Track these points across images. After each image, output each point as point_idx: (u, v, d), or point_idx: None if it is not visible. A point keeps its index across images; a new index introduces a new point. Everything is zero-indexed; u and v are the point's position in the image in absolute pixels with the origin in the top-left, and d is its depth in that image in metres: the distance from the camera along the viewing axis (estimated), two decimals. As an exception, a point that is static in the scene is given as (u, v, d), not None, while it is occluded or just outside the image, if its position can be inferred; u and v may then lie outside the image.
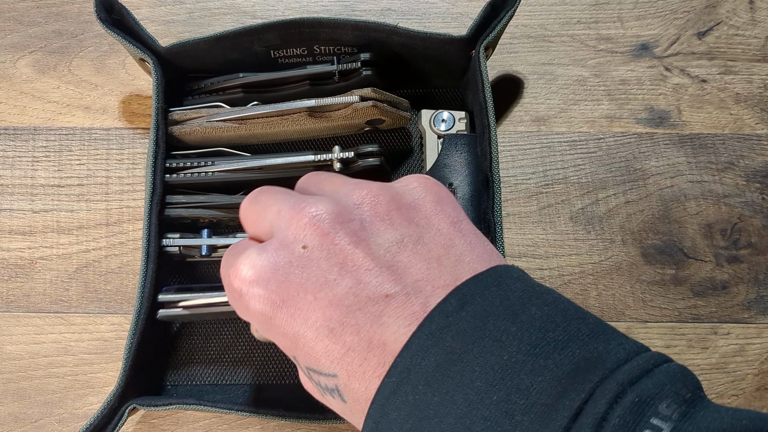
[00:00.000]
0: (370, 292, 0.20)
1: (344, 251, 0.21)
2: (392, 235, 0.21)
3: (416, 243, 0.21)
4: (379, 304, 0.20)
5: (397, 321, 0.19)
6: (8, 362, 0.40)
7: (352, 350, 0.20)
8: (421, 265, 0.21)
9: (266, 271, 0.22)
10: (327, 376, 0.20)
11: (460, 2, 0.47)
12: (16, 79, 0.45)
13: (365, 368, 0.19)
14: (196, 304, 0.36)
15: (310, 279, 0.21)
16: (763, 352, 0.40)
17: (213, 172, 0.39)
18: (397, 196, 0.23)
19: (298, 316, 0.21)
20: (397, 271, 0.20)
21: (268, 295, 0.21)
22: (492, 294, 0.19)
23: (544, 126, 0.44)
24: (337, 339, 0.20)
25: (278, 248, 0.22)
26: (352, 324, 0.20)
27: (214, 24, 0.46)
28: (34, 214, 0.43)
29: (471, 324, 0.18)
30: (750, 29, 0.46)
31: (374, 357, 0.19)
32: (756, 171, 0.43)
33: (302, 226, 0.22)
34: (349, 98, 0.37)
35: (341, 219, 0.22)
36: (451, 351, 0.18)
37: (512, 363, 0.17)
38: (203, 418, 0.39)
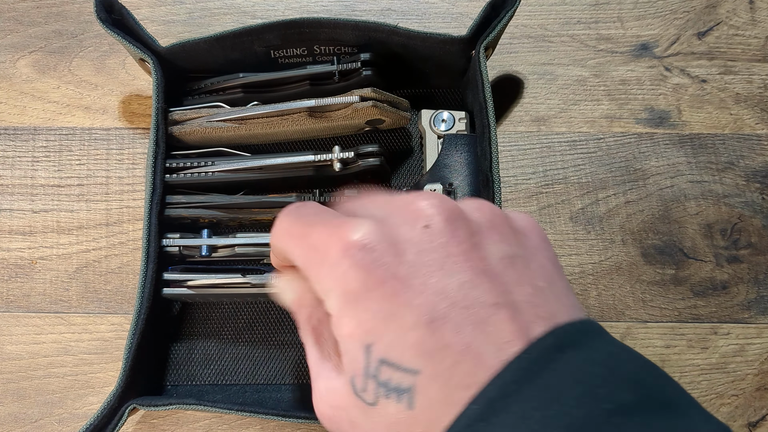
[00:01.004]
0: (481, 295, 0.19)
1: (464, 244, 0.20)
2: (505, 248, 0.21)
3: (525, 266, 0.21)
4: (488, 309, 0.19)
5: (500, 333, 0.18)
6: (8, 362, 0.40)
7: (448, 348, 0.18)
8: (528, 288, 0.20)
9: (381, 241, 0.20)
10: (406, 371, 0.18)
11: (460, 2, 0.47)
12: (16, 79, 0.45)
13: (453, 373, 0.18)
14: (201, 284, 0.37)
15: (428, 260, 0.19)
16: (763, 352, 0.40)
17: (213, 172, 0.39)
18: (509, 218, 0.22)
19: (401, 296, 0.19)
20: (505, 284, 0.19)
21: (380, 265, 0.19)
22: (591, 344, 0.18)
23: (544, 126, 0.44)
24: (435, 332, 0.18)
25: (398, 222, 0.20)
26: (456, 321, 0.18)
27: (214, 24, 0.46)
28: (34, 214, 0.43)
29: (570, 367, 0.17)
30: (750, 29, 0.46)
31: (467, 364, 0.18)
32: (756, 171, 0.43)
33: (425, 204, 0.20)
34: (349, 98, 0.37)
35: (462, 214, 0.21)
36: (549, 388, 0.17)
37: (615, 414, 0.16)
38: (203, 418, 0.39)
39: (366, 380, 0.19)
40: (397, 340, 0.19)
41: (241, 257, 0.39)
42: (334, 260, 0.20)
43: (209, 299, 0.39)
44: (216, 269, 0.39)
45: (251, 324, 0.40)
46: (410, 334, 0.19)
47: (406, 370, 0.19)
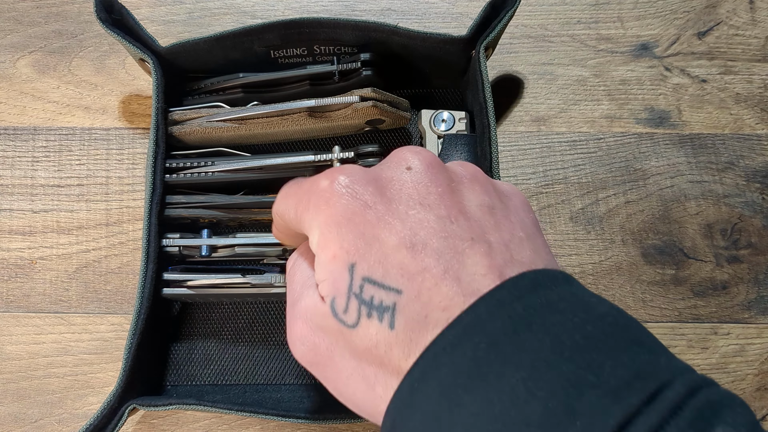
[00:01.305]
0: (458, 230, 0.20)
1: (442, 186, 0.21)
2: (485, 199, 0.22)
3: (504, 217, 0.22)
4: (464, 242, 0.20)
5: (476, 265, 0.19)
6: (8, 362, 0.40)
7: (427, 272, 0.19)
8: (505, 234, 0.21)
9: (366, 178, 0.22)
10: (389, 290, 0.20)
11: (460, 2, 0.47)
12: (16, 79, 0.45)
13: (433, 294, 0.19)
14: (201, 284, 0.37)
15: (408, 195, 0.21)
16: (763, 352, 0.40)
17: (213, 172, 0.39)
18: (492, 180, 0.24)
19: (385, 221, 0.20)
20: (483, 227, 0.21)
21: (361, 194, 0.21)
22: (564, 288, 0.19)
23: (544, 126, 0.44)
24: (416, 255, 0.20)
25: (381, 166, 0.23)
26: (435, 248, 0.20)
27: (214, 24, 0.46)
28: (34, 214, 0.43)
29: (542, 303, 0.18)
30: (750, 29, 0.46)
31: (445, 287, 0.19)
32: (756, 171, 0.43)
33: (408, 153, 0.22)
34: (349, 98, 0.37)
35: (443, 165, 0.23)
36: (520, 318, 0.18)
37: (584, 344, 0.17)
38: (203, 418, 0.39)
39: (348, 300, 0.20)
40: (381, 260, 0.20)
41: (241, 257, 0.39)
42: (320, 193, 0.22)
43: (209, 299, 0.39)
44: (216, 269, 0.39)
45: (251, 324, 0.40)
46: (393, 256, 0.20)
47: (390, 289, 0.20)
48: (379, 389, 0.20)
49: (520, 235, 0.22)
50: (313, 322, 0.22)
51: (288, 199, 0.25)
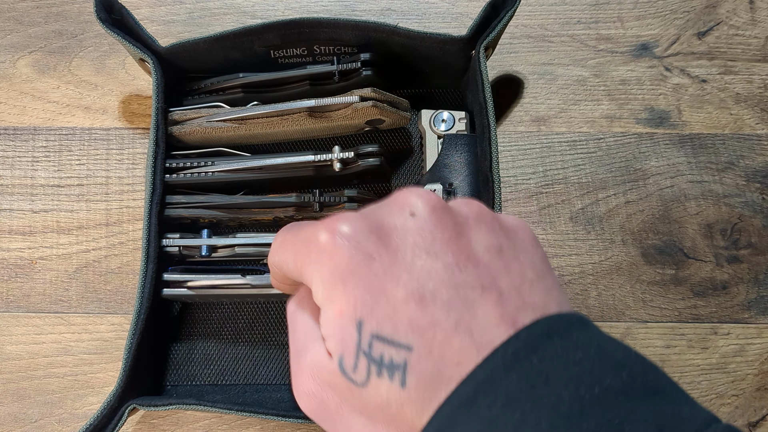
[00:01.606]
0: (467, 278, 0.19)
1: (448, 231, 0.20)
2: (493, 240, 0.21)
3: (513, 257, 0.21)
4: (474, 291, 0.19)
5: (487, 316, 0.19)
6: (8, 362, 0.40)
7: (438, 325, 0.19)
8: (516, 277, 0.20)
9: (368, 227, 0.21)
10: (399, 347, 0.19)
11: (460, 2, 0.47)
12: (16, 79, 0.45)
13: (445, 349, 0.18)
14: (201, 284, 0.37)
15: (413, 243, 0.20)
16: (763, 352, 0.40)
17: (213, 172, 0.39)
18: (498, 216, 0.23)
19: (391, 273, 0.20)
20: (492, 272, 0.20)
21: (365, 246, 0.20)
22: (579, 335, 0.19)
23: (544, 126, 0.44)
24: (426, 309, 0.19)
25: (382, 210, 0.21)
26: (445, 300, 0.19)
27: (214, 24, 0.46)
28: (34, 214, 0.43)
29: (558, 353, 0.18)
30: (750, 29, 0.46)
31: (458, 341, 0.18)
32: (756, 171, 0.43)
33: (411, 196, 0.21)
34: (349, 98, 0.37)
35: (448, 207, 0.22)
36: (537, 373, 0.17)
37: (604, 398, 0.17)
38: (203, 418, 0.39)
39: (357, 358, 0.19)
40: (390, 316, 0.19)
41: (241, 257, 0.39)
42: (321, 246, 0.21)
43: (209, 300, 0.39)
44: (216, 269, 0.39)
45: (251, 324, 0.40)
46: (402, 310, 0.19)
47: (400, 346, 0.19)
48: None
49: (531, 276, 0.21)
50: (320, 378, 0.21)
51: (285, 250, 0.24)
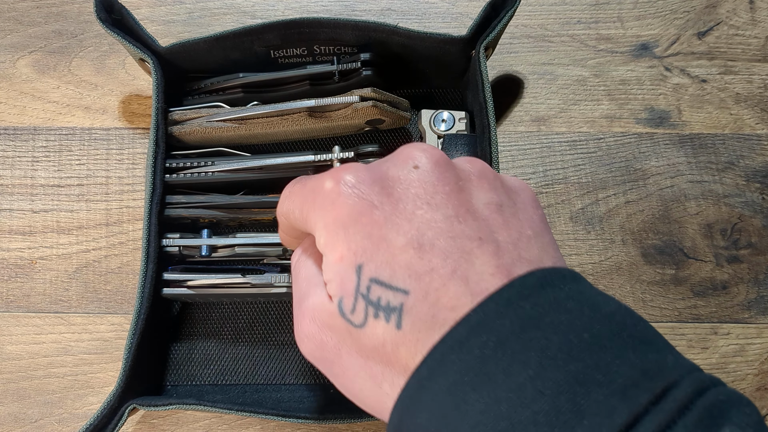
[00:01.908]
0: (466, 229, 0.20)
1: (450, 185, 0.21)
2: (493, 197, 0.22)
3: (513, 215, 0.22)
4: (472, 242, 0.20)
5: (484, 265, 0.19)
6: (8, 362, 0.40)
7: (435, 272, 0.19)
8: (513, 232, 0.21)
9: (372, 177, 0.22)
10: (396, 290, 0.20)
11: (460, 2, 0.47)
12: (16, 79, 0.45)
13: (440, 294, 0.19)
14: (201, 284, 0.37)
15: (415, 194, 0.21)
16: (763, 352, 0.40)
17: (213, 172, 0.39)
18: (500, 175, 0.24)
19: (392, 221, 0.20)
20: (491, 226, 0.21)
21: (368, 195, 0.21)
22: (571, 287, 0.19)
23: (544, 126, 0.44)
24: (424, 255, 0.20)
25: (387, 163, 0.22)
26: (442, 248, 0.20)
27: (214, 24, 0.46)
28: (34, 214, 0.43)
29: (550, 301, 0.18)
30: (750, 29, 0.46)
31: (453, 287, 0.19)
32: (756, 171, 0.43)
33: (415, 150, 0.22)
34: (349, 98, 0.37)
35: (450, 162, 0.22)
36: (528, 317, 0.18)
37: (592, 343, 0.17)
38: (203, 418, 0.39)
39: (356, 300, 0.20)
40: (388, 261, 0.20)
41: (241, 257, 0.39)
42: (326, 194, 0.22)
43: (209, 299, 0.39)
44: (216, 269, 0.39)
45: (251, 324, 0.40)
46: (400, 256, 0.20)
47: (397, 290, 0.20)
48: (386, 387, 0.20)
49: (528, 233, 0.21)
50: (320, 320, 0.22)
51: (292, 199, 0.25)
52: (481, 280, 0.19)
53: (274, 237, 0.38)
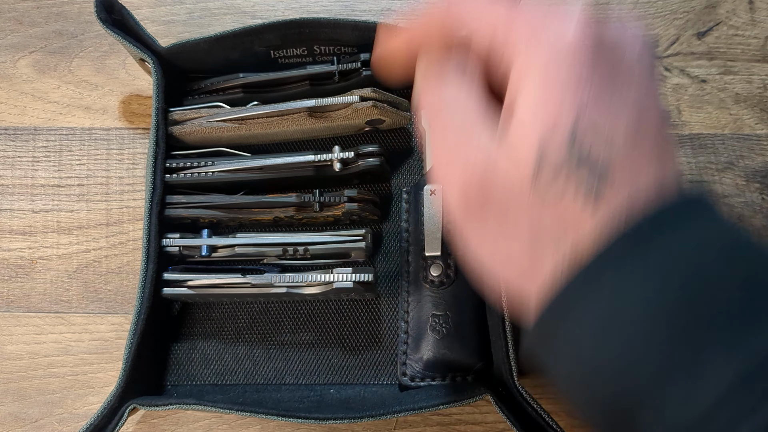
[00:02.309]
0: (668, 134, 0.20)
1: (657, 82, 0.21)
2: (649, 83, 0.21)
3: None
4: (671, 148, 0.20)
5: (674, 168, 0.19)
6: (8, 362, 0.40)
7: (643, 157, 0.19)
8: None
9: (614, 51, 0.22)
10: (611, 147, 0.18)
11: (460, 2, 0.47)
12: (16, 79, 0.45)
13: (641, 181, 0.18)
14: (201, 283, 0.37)
15: (640, 81, 0.20)
16: (762, 352, 0.40)
17: (213, 172, 0.39)
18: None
19: (622, 92, 0.20)
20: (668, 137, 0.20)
21: (609, 62, 0.21)
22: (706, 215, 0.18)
23: (544, 126, 0.44)
24: (637, 134, 0.19)
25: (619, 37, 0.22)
26: (652, 142, 0.19)
27: (214, 24, 0.46)
28: (34, 214, 0.43)
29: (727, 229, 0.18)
30: (750, 29, 0.46)
31: (654, 178, 0.19)
32: (756, 171, 0.43)
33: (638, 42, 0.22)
34: (349, 98, 0.37)
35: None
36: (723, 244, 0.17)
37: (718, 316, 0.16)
38: (203, 418, 0.39)
39: (565, 140, 0.18)
40: (612, 122, 0.19)
41: (241, 257, 0.39)
42: (564, 43, 0.20)
43: (209, 299, 0.39)
44: (216, 269, 0.39)
45: (251, 324, 0.40)
46: (622, 122, 0.19)
47: (612, 147, 0.18)
48: (548, 252, 0.19)
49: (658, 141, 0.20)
50: (494, 162, 0.20)
51: (490, 15, 0.21)
52: (671, 183, 0.19)
53: (274, 237, 0.38)
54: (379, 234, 0.41)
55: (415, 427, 0.38)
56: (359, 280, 0.35)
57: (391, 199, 0.42)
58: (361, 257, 0.39)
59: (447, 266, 0.36)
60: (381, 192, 0.42)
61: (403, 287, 0.38)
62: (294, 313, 0.40)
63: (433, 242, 0.37)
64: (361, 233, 0.38)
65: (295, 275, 0.37)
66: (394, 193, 0.42)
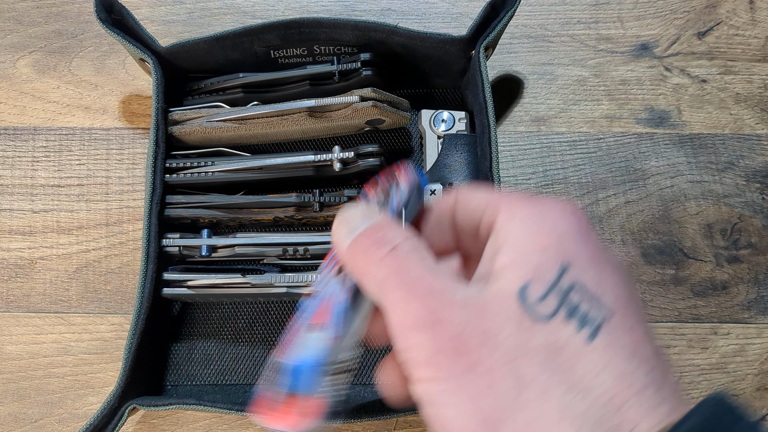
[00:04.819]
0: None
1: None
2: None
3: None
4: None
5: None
6: (8, 362, 0.40)
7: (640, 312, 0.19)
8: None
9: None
10: (600, 306, 0.18)
11: (460, 2, 0.47)
12: (16, 79, 0.45)
13: (644, 343, 0.18)
14: (201, 284, 0.37)
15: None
16: (763, 352, 0.40)
17: (213, 172, 0.39)
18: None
19: (608, 255, 0.20)
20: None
21: (591, 234, 0.21)
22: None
23: (544, 126, 0.44)
24: (635, 293, 0.20)
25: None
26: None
27: (214, 24, 0.46)
28: (34, 214, 0.43)
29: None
30: (750, 29, 0.46)
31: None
32: (756, 171, 0.43)
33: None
34: (349, 98, 0.37)
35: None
36: None
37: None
38: (203, 418, 0.39)
39: (549, 291, 0.18)
40: (600, 280, 0.19)
41: (241, 257, 0.39)
42: (561, 206, 0.20)
43: (209, 299, 0.39)
44: (216, 269, 0.39)
45: (251, 324, 0.40)
46: (612, 280, 0.19)
47: (602, 306, 0.18)
48: (531, 393, 0.17)
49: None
50: (466, 304, 0.19)
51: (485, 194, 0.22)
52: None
53: (274, 237, 0.38)
54: (379, 234, 0.41)
55: (415, 427, 0.38)
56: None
57: (391, 199, 0.42)
58: (361, 257, 0.39)
59: (447, 266, 0.36)
60: (381, 192, 0.42)
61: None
62: (294, 313, 0.40)
63: (433, 242, 0.37)
64: (361, 233, 0.38)
65: (295, 275, 0.37)
66: (394, 193, 0.42)
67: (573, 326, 0.18)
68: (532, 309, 0.18)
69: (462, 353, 0.18)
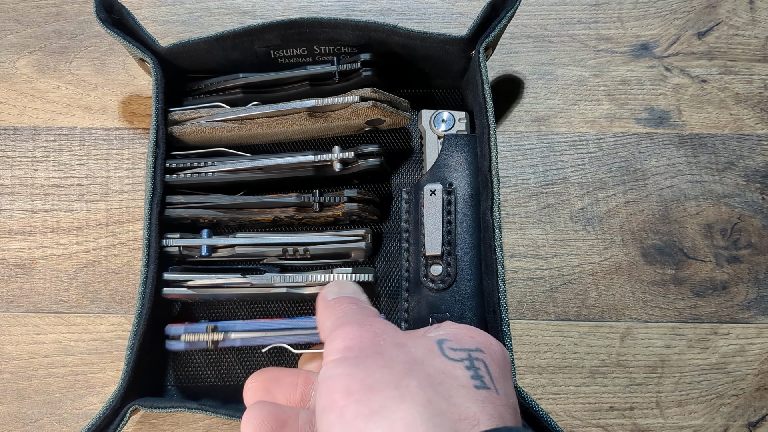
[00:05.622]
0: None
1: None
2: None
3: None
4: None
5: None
6: (8, 362, 0.40)
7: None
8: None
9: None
10: (475, 350, 0.25)
11: (460, 2, 0.47)
12: (16, 79, 0.45)
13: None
14: (201, 284, 0.37)
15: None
16: (763, 352, 0.40)
17: (213, 172, 0.39)
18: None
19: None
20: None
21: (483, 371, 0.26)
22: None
23: (544, 126, 0.44)
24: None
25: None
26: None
27: (214, 24, 0.46)
28: (34, 214, 0.43)
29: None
30: (750, 29, 0.46)
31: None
32: (756, 171, 0.43)
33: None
34: (349, 98, 0.37)
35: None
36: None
37: None
38: (203, 418, 0.39)
39: (461, 350, 0.25)
40: (500, 376, 0.25)
41: (241, 257, 0.39)
42: (490, 342, 0.27)
43: (209, 299, 0.39)
44: (216, 269, 0.39)
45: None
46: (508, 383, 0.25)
47: (492, 381, 0.25)
48: (411, 384, 0.23)
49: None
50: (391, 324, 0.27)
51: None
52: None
53: (274, 237, 0.38)
54: (378, 234, 0.41)
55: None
56: (359, 280, 0.35)
57: (391, 199, 0.42)
58: (360, 257, 0.39)
59: (447, 266, 0.36)
60: (381, 192, 0.42)
61: (402, 287, 0.38)
62: (294, 313, 0.40)
63: (433, 242, 0.37)
64: (361, 233, 0.38)
65: (295, 275, 0.37)
66: (394, 193, 0.42)
67: (469, 373, 0.24)
68: (443, 349, 0.25)
69: (375, 343, 0.25)
